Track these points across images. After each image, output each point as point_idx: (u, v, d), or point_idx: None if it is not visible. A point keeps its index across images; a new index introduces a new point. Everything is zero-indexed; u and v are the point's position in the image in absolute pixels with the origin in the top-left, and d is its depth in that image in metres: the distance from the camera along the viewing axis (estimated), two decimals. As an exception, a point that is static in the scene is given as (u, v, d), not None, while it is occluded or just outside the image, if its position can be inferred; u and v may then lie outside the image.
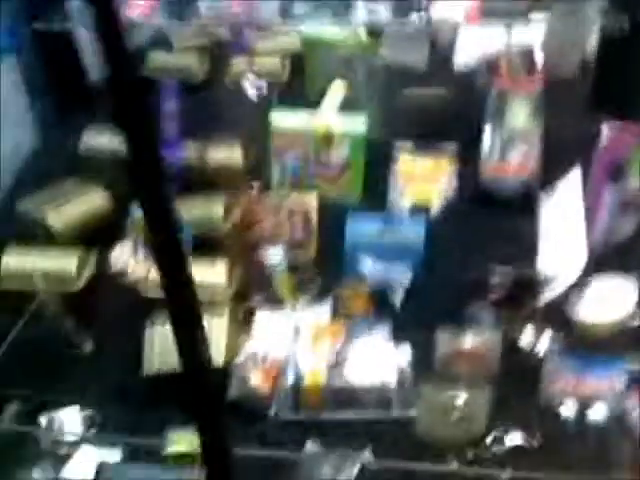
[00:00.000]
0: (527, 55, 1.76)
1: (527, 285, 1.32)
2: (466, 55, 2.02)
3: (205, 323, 0.72)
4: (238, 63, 2.00)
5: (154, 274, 1.34)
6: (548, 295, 1.31)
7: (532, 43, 1.78)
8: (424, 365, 1.19)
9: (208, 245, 1.39)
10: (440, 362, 1.17)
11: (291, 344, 1.21)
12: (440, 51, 2.04)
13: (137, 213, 1.44)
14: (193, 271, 1.28)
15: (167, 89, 1.54)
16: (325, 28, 1.89)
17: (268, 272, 1.37)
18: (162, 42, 2.07)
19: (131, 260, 1.44)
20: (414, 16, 1.69)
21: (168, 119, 1.54)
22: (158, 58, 2.01)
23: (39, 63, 1.80)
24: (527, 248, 1.42)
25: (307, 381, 1.14)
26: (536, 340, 1.22)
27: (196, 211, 1.44)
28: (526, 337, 1.23)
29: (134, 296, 1.36)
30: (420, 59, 1.96)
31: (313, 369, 1.16)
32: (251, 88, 1.92)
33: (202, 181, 1.54)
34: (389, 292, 1.37)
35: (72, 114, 1.82)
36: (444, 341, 1.18)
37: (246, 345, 1.24)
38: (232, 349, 1.24)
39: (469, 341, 1.17)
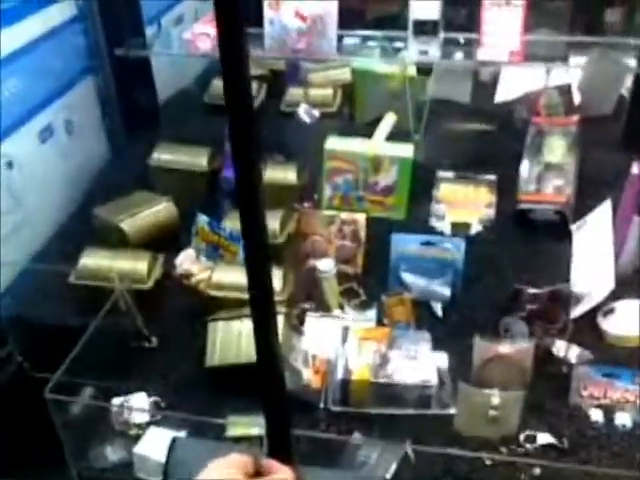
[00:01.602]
0: (565, 94, 1.90)
1: (559, 301, 1.43)
2: (506, 92, 2.16)
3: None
4: (293, 93, 2.16)
5: (214, 277, 1.47)
6: (578, 311, 1.42)
7: (570, 83, 1.91)
8: (462, 368, 1.29)
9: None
10: (477, 366, 1.28)
11: (340, 344, 1.33)
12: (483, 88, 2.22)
13: (200, 222, 1.59)
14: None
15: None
16: (376, 62, 2.06)
17: (318, 281, 1.50)
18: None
19: (194, 264, 1.58)
20: (458, 55, 1.82)
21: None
22: (219, 85, 2.18)
23: (113, 83, 1.97)
24: (560, 269, 1.54)
25: (355, 377, 1.26)
26: (567, 350, 1.32)
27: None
28: (558, 347, 1.33)
29: (196, 296, 1.50)
30: (464, 94, 2.13)
31: (361, 366, 1.27)
32: (305, 116, 2.07)
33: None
34: (431, 303, 1.49)
35: (141, 131, 1.99)
36: (481, 347, 1.28)
37: (299, 344, 1.36)
38: (286, 347, 1.35)
39: (504, 348, 1.28)
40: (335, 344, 1.35)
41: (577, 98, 1.91)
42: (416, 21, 1.75)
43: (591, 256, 1.50)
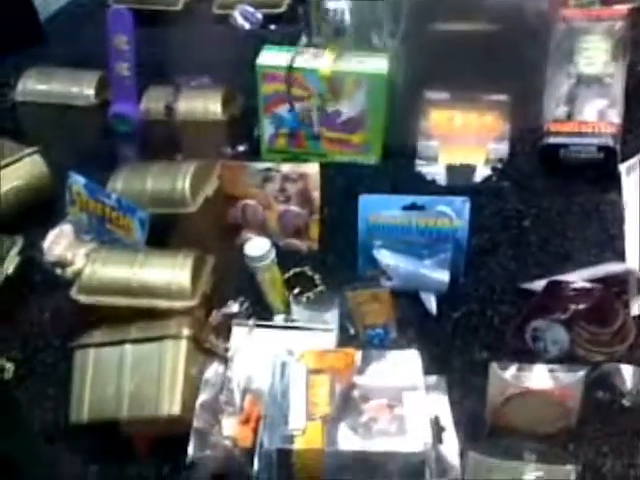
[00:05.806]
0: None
1: (612, 291, 0.94)
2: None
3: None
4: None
5: (86, 272, 0.96)
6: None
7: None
8: (472, 418, 0.82)
9: (169, 229, 1.02)
10: (493, 412, 0.81)
11: (278, 381, 0.84)
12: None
13: (74, 185, 1.07)
14: (144, 268, 0.91)
15: (117, 19, 1.15)
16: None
17: (249, 269, 0.99)
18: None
19: (71, 247, 1.08)
20: None
21: (118, 58, 1.15)
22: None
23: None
24: (607, 235, 1.06)
25: (299, 445, 0.77)
26: (632, 377, 0.85)
27: (156, 182, 1.06)
28: (617, 372, 0.86)
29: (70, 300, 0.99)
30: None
31: (309, 425, 0.78)
32: (242, 20, 1.53)
33: (167, 141, 1.17)
34: (420, 296, 1.00)
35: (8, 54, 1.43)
36: (499, 379, 0.80)
37: (216, 380, 0.87)
38: (193, 391, 0.86)
39: (535, 379, 0.80)
40: (272, 379, 0.85)
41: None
42: None
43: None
